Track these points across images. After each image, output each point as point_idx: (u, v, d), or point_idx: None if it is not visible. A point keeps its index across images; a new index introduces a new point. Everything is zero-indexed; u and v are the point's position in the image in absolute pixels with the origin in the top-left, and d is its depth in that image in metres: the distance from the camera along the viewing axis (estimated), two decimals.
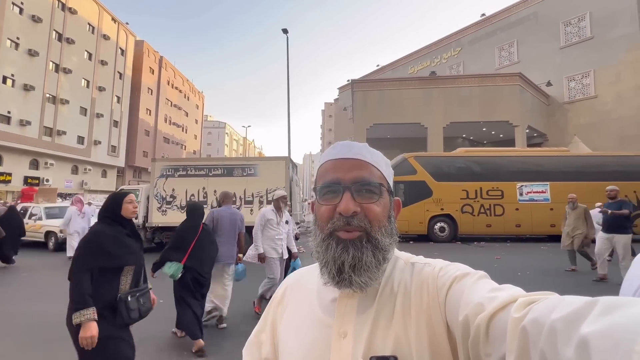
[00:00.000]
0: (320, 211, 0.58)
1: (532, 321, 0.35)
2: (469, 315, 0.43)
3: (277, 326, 0.64)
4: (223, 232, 3.92)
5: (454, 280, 0.50)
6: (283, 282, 0.71)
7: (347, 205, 0.54)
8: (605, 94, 19.89)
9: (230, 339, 3.53)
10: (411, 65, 31.21)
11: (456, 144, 20.30)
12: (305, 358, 0.56)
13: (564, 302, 0.33)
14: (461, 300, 0.46)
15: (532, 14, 23.33)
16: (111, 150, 33.77)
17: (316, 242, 0.59)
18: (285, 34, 16.65)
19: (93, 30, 31.24)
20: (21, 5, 23.95)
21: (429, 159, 12.06)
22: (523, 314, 0.37)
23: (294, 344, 0.59)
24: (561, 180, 11.06)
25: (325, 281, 0.57)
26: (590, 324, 0.29)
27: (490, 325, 0.40)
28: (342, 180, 0.57)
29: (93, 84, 31.00)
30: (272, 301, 0.69)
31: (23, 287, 5.75)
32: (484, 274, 0.51)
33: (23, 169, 25.14)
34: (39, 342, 3.49)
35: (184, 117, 50.04)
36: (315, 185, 0.61)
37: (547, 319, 0.33)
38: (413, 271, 0.57)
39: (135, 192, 9.64)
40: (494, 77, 18.86)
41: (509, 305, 0.40)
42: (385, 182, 0.60)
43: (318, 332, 0.56)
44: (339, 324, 0.55)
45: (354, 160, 0.58)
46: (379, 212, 0.57)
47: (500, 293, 0.43)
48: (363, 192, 0.56)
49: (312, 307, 0.60)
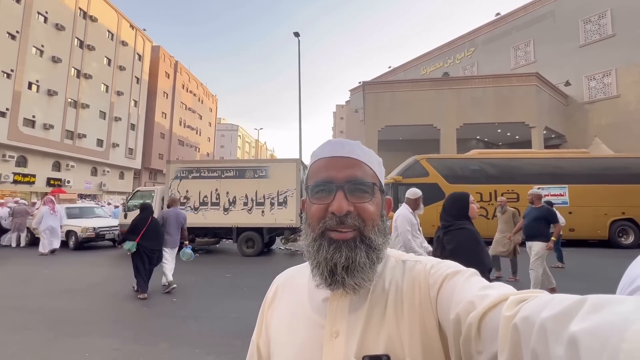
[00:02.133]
0: (312, 210, 0.57)
1: (523, 319, 0.35)
2: (461, 313, 0.43)
3: (269, 327, 0.63)
4: (170, 226, 5.54)
5: (445, 278, 0.50)
6: (273, 282, 0.69)
7: (340, 205, 0.54)
8: (629, 93, 19.12)
9: (241, 337, 3.59)
10: (424, 66, 30.89)
11: (470, 145, 19.91)
12: (297, 358, 0.55)
13: (554, 301, 0.34)
14: (453, 298, 0.46)
15: (549, 12, 22.72)
16: (128, 152, 34.80)
17: (307, 242, 0.57)
18: (297, 37, 16.81)
19: (112, 37, 32.38)
20: (46, 14, 25.09)
21: (442, 160, 11.87)
22: (514, 312, 0.37)
23: (286, 344, 0.58)
24: (581, 183, 10.69)
25: (317, 283, 0.55)
26: (579, 322, 0.29)
27: (481, 324, 0.40)
28: (335, 179, 0.56)
29: (112, 89, 32.09)
30: (264, 302, 0.68)
31: (43, 283, 6.01)
32: (474, 272, 0.51)
33: (46, 170, 26.22)
34: (55, 336, 3.64)
35: (198, 120, 51.06)
36: (307, 184, 0.60)
37: (538, 317, 0.33)
38: (404, 269, 0.57)
39: (150, 193, 9.91)
40: (509, 77, 18.43)
41: (500, 303, 0.40)
42: (377, 181, 0.59)
43: (310, 332, 0.56)
44: (331, 324, 0.54)
45: (346, 158, 0.57)
46: (373, 211, 0.56)
47: (491, 291, 0.43)
48: (356, 192, 0.55)
49: (303, 307, 0.60)
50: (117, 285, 5.87)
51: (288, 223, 9.10)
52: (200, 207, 9.38)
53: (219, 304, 4.84)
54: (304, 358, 0.55)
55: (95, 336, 3.65)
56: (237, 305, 4.74)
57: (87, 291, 5.49)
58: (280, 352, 0.58)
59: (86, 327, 3.91)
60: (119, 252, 9.64)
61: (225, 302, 4.89)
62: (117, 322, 4.08)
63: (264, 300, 0.69)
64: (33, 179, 24.82)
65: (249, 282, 6.16)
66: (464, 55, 27.94)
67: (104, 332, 3.77)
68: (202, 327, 3.91)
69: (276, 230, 9.44)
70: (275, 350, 0.60)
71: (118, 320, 4.15)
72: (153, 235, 5.19)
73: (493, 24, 26.13)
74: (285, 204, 9.15)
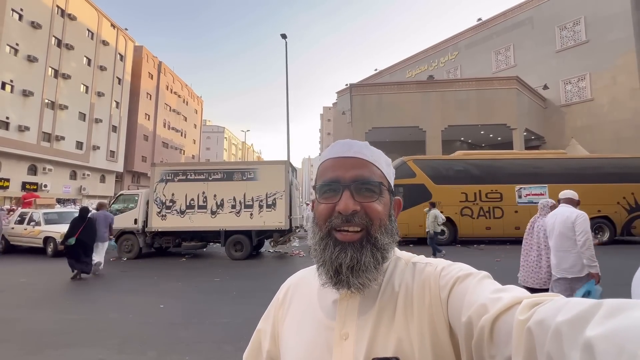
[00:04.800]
0: (319, 209, 0.57)
1: (537, 323, 0.34)
2: (473, 316, 0.43)
3: (279, 328, 0.64)
4: (100, 225, 7.16)
5: (456, 281, 0.50)
6: (285, 284, 0.70)
7: (347, 204, 0.54)
8: (601, 97, 20.07)
9: (232, 342, 3.53)
10: (409, 69, 31.42)
11: (454, 147, 20.38)
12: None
13: (569, 304, 0.33)
14: (464, 300, 0.46)
15: (528, 18, 23.59)
16: (110, 155, 33.72)
17: (314, 241, 0.58)
18: (284, 39, 16.78)
19: (92, 36, 31.36)
20: (21, 11, 24.06)
21: (428, 162, 12.10)
22: (528, 316, 0.36)
23: (296, 346, 0.58)
24: (559, 183, 11.13)
25: (322, 282, 0.56)
26: (594, 327, 0.28)
27: (494, 327, 0.40)
28: (342, 179, 0.56)
29: (92, 90, 31.05)
30: (273, 302, 0.69)
31: (20, 292, 5.72)
32: (486, 274, 0.50)
33: (21, 174, 25.05)
34: (36, 348, 3.47)
35: (183, 122, 50.08)
36: (315, 184, 0.60)
37: (553, 321, 0.32)
38: (415, 271, 0.57)
39: (134, 196, 9.64)
40: (492, 80, 19.00)
41: (513, 307, 0.39)
42: (385, 181, 0.59)
43: (319, 334, 0.56)
44: (341, 326, 0.54)
45: (354, 158, 0.58)
46: (380, 211, 0.56)
47: (504, 294, 0.43)
48: (363, 191, 0.56)
49: (313, 309, 0.60)
50: (99, 292, 5.66)
51: (277, 225, 9.03)
52: (187, 211, 9.20)
53: (208, 309, 4.74)
54: (313, 359, 0.55)
55: (77, 347, 3.50)
56: (226, 310, 4.66)
57: (67, 299, 5.27)
58: (290, 353, 0.58)
59: (67, 337, 3.75)
60: None
61: (215, 307, 4.80)
62: (100, 330, 3.93)
63: (274, 299, 0.69)
64: (7, 184, 23.65)
65: (238, 286, 6.07)
66: (448, 58, 28.61)
67: (87, 341, 3.62)
68: (191, 334, 3.82)
69: (265, 233, 9.36)
70: (285, 351, 0.60)
71: (102, 329, 4.00)
72: (89, 232, 6.74)
73: (475, 28, 26.89)
74: (274, 206, 9.08)
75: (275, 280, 5.60)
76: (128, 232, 9.31)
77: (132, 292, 5.85)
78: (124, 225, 9.24)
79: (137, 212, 9.34)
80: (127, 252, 9.26)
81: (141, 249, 9.29)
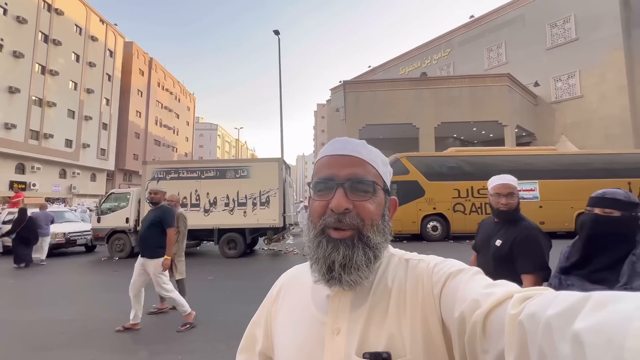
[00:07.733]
0: (314, 206, 0.58)
1: (528, 317, 0.35)
2: (465, 311, 0.43)
3: (273, 323, 0.64)
4: (41, 222, 8.39)
5: (448, 277, 0.50)
6: (279, 280, 0.70)
7: (339, 202, 0.54)
8: (591, 94, 20.41)
9: (225, 341, 3.51)
10: (402, 66, 31.49)
11: (447, 143, 20.55)
12: (298, 355, 0.56)
13: (558, 298, 0.34)
14: (456, 296, 0.46)
15: (519, 16, 23.81)
16: (100, 153, 33.19)
17: (308, 238, 0.58)
18: (276, 35, 16.65)
19: (80, 31, 30.70)
20: (5, 5, 23.41)
21: (421, 158, 12.17)
22: (519, 310, 0.37)
23: (289, 341, 0.59)
24: (549, 179, 11.30)
25: (315, 279, 0.56)
26: (583, 319, 0.29)
27: (487, 322, 0.40)
28: (336, 177, 0.56)
29: (81, 86, 30.44)
30: (267, 298, 0.69)
31: (9, 294, 5.61)
32: (478, 270, 0.51)
33: (8, 173, 24.51)
34: (27, 350, 3.41)
35: (175, 119, 49.50)
36: (310, 181, 0.61)
37: (543, 314, 0.33)
38: (407, 267, 0.57)
39: (126, 195, 9.50)
40: (484, 77, 19.16)
41: (505, 301, 0.40)
42: (380, 181, 0.59)
43: (312, 329, 0.56)
44: (333, 321, 0.55)
45: (349, 157, 0.58)
46: (372, 210, 0.56)
47: (495, 289, 0.43)
48: (356, 190, 0.56)
49: (306, 304, 0.60)
50: (90, 293, 5.59)
51: (271, 223, 9.01)
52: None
53: (201, 307, 4.71)
54: (306, 354, 0.55)
55: (68, 348, 3.45)
56: (220, 309, 4.64)
57: (57, 300, 5.19)
58: (283, 348, 0.59)
59: (59, 337, 3.69)
60: (91, 259, 9.20)
61: (208, 306, 4.78)
62: (92, 331, 3.88)
63: (267, 294, 0.70)
64: None
65: (232, 284, 6.05)
66: (441, 55, 28.74)
67: (79, 342, 3.58)
68: (184, 333, 3.80)
69: (259, 231, 9.32)
70: (278, 346, 0.61)
71: (93, 329, 3.95)
72: (30, 228, 8.11)
73: (467, 26, 27.04)
74: (268, 203, 9.05)
75: (269, 278, 5.58)
76: (119, 231, 9.19)
77: (124, 291, 5.79)
78: (116, 225, 9.11)
79: (128, 211, 9.21)
80: (119, 251, 9.14)
81: (133, 248, 9.18)
